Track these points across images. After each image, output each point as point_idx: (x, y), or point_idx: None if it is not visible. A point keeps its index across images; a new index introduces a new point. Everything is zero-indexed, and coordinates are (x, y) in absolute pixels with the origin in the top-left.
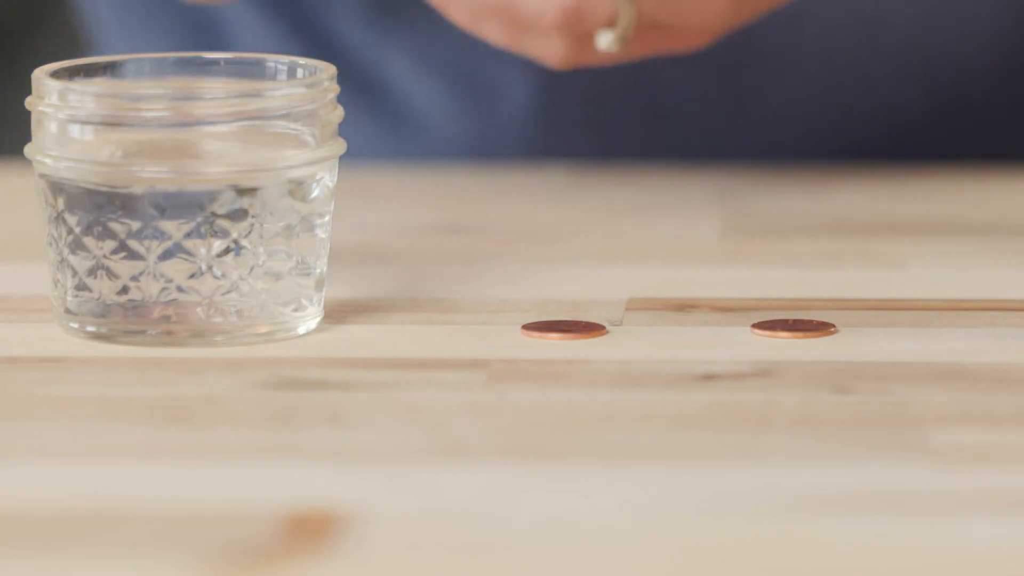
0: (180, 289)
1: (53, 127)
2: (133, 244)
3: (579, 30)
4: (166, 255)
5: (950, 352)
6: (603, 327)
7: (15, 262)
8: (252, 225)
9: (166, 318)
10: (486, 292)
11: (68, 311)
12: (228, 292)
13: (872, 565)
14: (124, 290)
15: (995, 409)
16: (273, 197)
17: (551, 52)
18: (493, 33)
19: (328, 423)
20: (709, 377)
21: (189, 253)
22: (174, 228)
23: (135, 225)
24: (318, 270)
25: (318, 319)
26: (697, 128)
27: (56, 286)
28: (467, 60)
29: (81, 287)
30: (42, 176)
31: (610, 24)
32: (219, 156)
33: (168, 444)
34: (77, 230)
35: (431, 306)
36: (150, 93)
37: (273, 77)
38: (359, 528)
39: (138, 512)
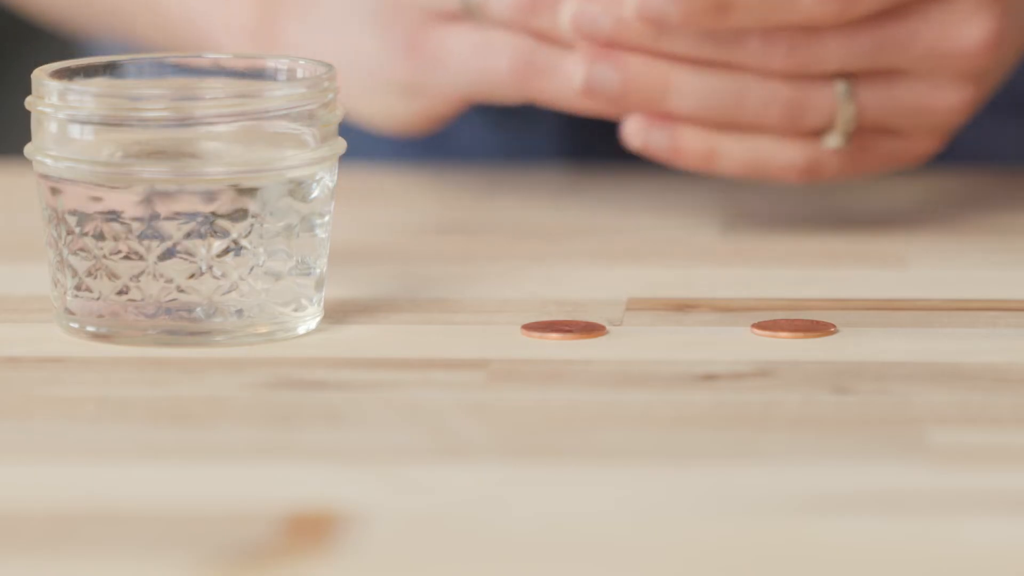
0: (180, 289)
1: (53, 127)
2: (133, 244)
3: (802, 128)
4: (166, 255)
5: (950, 352)
6: (603, 327)
7: (15, 262)
8: (252, 225)
9: (166, 318)
10: (486, 292)
11: (68, 311)
12: (228, 292)
13: (872, 565)
14: (124, 290)
15: (995, 409)
16: (273, 197)
17: (788, 162)
18: (730, 164)
19: (328, 423)
20: (709, 377)
21: (189, 253)
22: (174, 228)
23: (135, 225)
24: (318, 270)
25: (318, 319)
26: None
27: (56, 286)
28: None
29: (81, 287)
30: (42, 176)
31: (831, 124)
32: (219, 156)
33: (168, 444)
34: (77, 230)
35: (431, 306)
36: (150, 93)
37: (273, 77)
38: (359, 528)
39: (138, 512)
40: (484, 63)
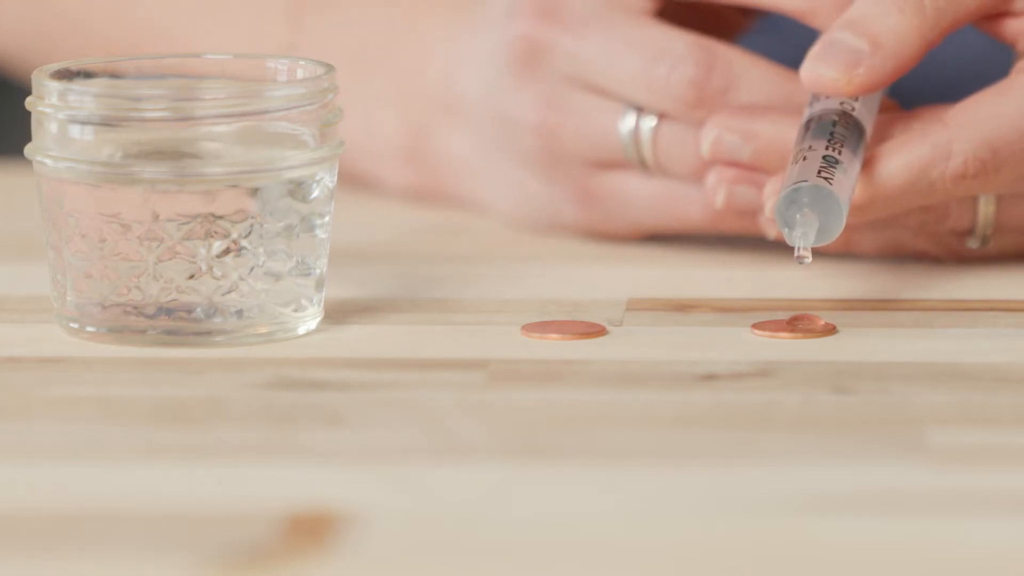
0: (180, 289)
1: (53, 127)
2: (133, 244)
3: (940, 228)
4: (166, 255)
5: (950, 352)
6: (603, 327)
7: (15, 262)
8: (252, 225)
9: (166, 318)
10: (486, 292)
11: (68, 311)
12: (228, 292)
13: (872, 565)
14: (124, 290)
15: (995, 409)
16: (273, 197)
17: (926, 249)
18: (866, 248)
19: (328, 423)
20: (709, 377)
21: (189, 253)
22: (174, 228)
23: (135, 225)
24: (318, 270)
25: (318, 319)
26: None
27: (56, 286)
28: None
29: (81, 287)
30: (42, 176)
31: (972, 225)
32: (219, 156)
33: (168, 444)
34: (77, 230)
35: (431, 306)
36: (150, 93)
37: (273, 77)
38: (359, 528)
39: (138, 512)
40: (674, 212)
